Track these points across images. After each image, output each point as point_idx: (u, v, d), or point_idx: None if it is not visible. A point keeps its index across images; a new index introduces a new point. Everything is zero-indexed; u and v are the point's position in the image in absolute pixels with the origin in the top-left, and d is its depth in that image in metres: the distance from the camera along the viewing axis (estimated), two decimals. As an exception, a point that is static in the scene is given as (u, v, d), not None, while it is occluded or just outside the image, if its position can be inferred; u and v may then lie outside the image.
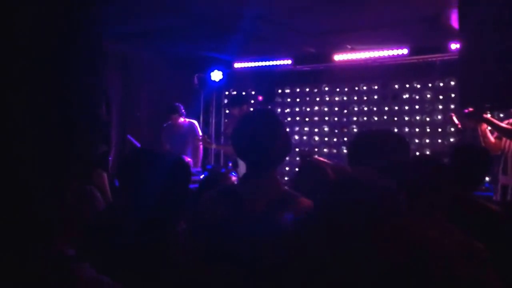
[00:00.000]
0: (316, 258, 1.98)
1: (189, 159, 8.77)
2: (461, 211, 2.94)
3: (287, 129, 2.94)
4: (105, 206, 4.13)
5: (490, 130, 6.13)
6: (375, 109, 10.71)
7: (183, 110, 9.26)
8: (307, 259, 2.03)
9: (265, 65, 11.07)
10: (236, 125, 2.89)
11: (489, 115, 6.12)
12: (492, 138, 6.06)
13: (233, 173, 8.46)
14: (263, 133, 2.70)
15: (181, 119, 9.27)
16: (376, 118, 10.66)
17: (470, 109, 5.68)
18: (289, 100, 11.67)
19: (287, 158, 3.01)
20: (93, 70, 0.66)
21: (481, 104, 5.32)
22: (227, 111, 11.64)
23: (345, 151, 10.89)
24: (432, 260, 2.12)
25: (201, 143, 9.33)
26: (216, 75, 11.08)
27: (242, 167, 8.07)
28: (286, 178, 9.98)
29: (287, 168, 10.57)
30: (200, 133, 9.42)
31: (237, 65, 11.26)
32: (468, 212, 3.22)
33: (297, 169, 4.76)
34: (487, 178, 7.31)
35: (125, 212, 2.63)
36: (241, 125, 2.86)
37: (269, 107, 10.95)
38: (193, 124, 9.43)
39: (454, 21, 7.22)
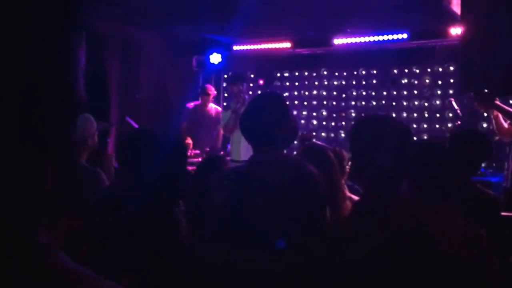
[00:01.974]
0: None
1: (189, 142, 8.74)
2: (460, 196, 2.95)
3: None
4: (107, 187, 4.16)
5: (503, 117, 6.05)
6: (373, 93, 10.72)
7: (214, 92, 9.22)
8: None
9: (264, 48, 11.01)
10: (244, 109, 2.91)
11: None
12: (505, 124, 5.98)
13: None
14: (271, 116, 2.71)
15: (210, 104, 9.19)
16: (374, 103, 10.67)
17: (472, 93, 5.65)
18: (287, 84, 11.65)
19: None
20: (64, 46, 0.62)
21: (481, 89, 5.31)
22: (225, 94, 11.62)
23: (343, 135, 10.91)
24: (435, 246, 2.13)
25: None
26: (215, 58, 11.03)
27: (244, 149, 8.05)
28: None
29: (285, 151, 10.55)
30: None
31: (236, 47, 11.19)
32: (467, 198, 3.24)
33: (295, 153, 4.76)
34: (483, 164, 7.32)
35: (125, 193, 2.63)
36: (249, 108, 2.87)
37: (267, 90, 10.93)
38: (219, 111, 9.21)
39: (456, 6, 7.20)
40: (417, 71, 10.27)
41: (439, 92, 10.05)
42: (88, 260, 2.10)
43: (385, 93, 10.58)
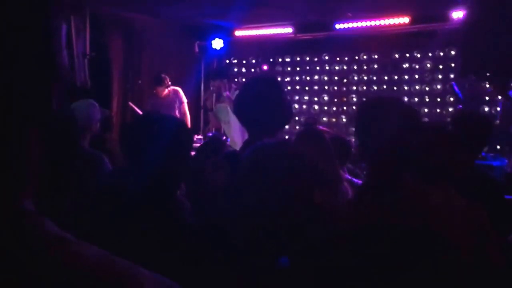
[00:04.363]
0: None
1: None
2: (464, 179, 2.97)
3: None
4: (111, 170, 4.17)
5: None
6: (374, 78, 10.74)
7: (169, 82, 9.07)
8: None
9: (266, 34, 11.01)
10: (239, 92, 2.92)
11: None
12: None
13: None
14: (264, 99, 2.73)
15: (166, 91, 9.07)
16: (375, 88, 10.69)
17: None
18: (289, 69, 11.67)
19: (286, 126, 3.03)
20: (42, 19, 0.62)
21: (482, 72, 5.33)
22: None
23: (344, 120, 10.93)
24: (435, 226, 2.15)
25: (187, 108, 9.20)
26: (217, 43, 11.01)
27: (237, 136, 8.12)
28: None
29: (286, 137, 10.59)
30: (185, 99, 9.21)
31: (238, 33, 11.18)
32: (470, 180, 3.26)
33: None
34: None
35: (127, 177, 2.65)
36: (244, 91, 2.89)
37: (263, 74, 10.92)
38: (177, 91, 9.18)
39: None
40: (418, 55, 10.28)
41: (440, 76, 10.06)
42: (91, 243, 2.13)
43: (386, 77, 10.60)
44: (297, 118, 10.80)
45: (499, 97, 8.25)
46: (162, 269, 0.82)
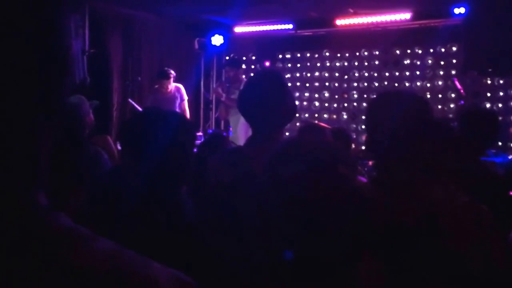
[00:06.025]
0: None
1: None
2: (468, 175, 2.94)
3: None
4: (111, 168, 4.14)
5: None
6: (375, 75, 10.71)
7: (174, 75, 9.05)
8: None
9: (266, 30, 10.98)
10: (243, 87, 2.89)
11: None
12: None
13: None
14: (269, 94, 2.69)
15: (170, 85, 9.04)
16: (376, 84, 10.66)
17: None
18: (289, 65, 11.62)
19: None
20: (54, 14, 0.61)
21: (484, 68, 5.31)
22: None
23: (345, 116, 10.91)
24: (438, 223, 2.13)
25: (187, 106, 9.20)
26: (217, 40, 10.98)
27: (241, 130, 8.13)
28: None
29: (287, 134, 10.57)
30: (186, 96, 9.20)
31: (237, 29, 11.15)
32: (474, 177, 3.23)
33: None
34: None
35: (128, 175, 2.62)
36: (248, 86, 2.85)
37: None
38: (179, 88, 9.17)
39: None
40: (420, 51, 10.24)
41: (441, 72, 10.03)
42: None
43: (387, 74, 10.57)
44: (297, 114, 10.76)
45: (501, 94, 8.25)
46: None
